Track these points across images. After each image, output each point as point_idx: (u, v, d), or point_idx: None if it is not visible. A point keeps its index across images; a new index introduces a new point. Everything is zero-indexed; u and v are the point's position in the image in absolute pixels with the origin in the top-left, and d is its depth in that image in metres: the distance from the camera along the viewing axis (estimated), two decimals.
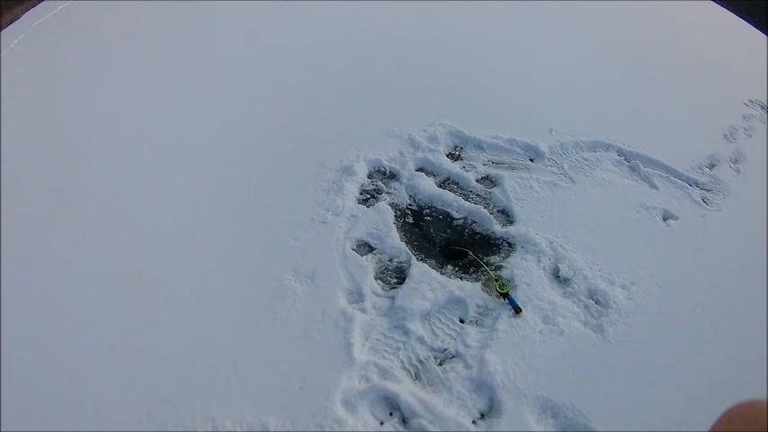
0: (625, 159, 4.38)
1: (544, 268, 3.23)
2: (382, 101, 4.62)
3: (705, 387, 2.75)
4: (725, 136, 5.35)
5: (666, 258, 3.48)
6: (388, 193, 3.69)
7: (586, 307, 3.04)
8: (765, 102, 7.42)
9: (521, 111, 4.70)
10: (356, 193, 3.64)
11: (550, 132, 4.44)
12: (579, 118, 4.75)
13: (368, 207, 3.55)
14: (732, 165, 4.87)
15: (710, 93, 6.64)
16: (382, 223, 3.43)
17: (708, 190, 4.33)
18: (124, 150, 3.82)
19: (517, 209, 3.63)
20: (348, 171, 3.74)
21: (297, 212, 3.44)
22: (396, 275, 3.18)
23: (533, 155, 4.22)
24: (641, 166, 4.30)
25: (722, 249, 3.67)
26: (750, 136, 5.75)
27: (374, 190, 3.71)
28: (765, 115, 6.90)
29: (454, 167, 3.93)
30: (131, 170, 3.66)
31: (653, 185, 4.17)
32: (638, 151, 4.44)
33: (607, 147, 4.45)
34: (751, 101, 7.25)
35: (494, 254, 3.36)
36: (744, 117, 6.29)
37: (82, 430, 2.35)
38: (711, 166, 4.69)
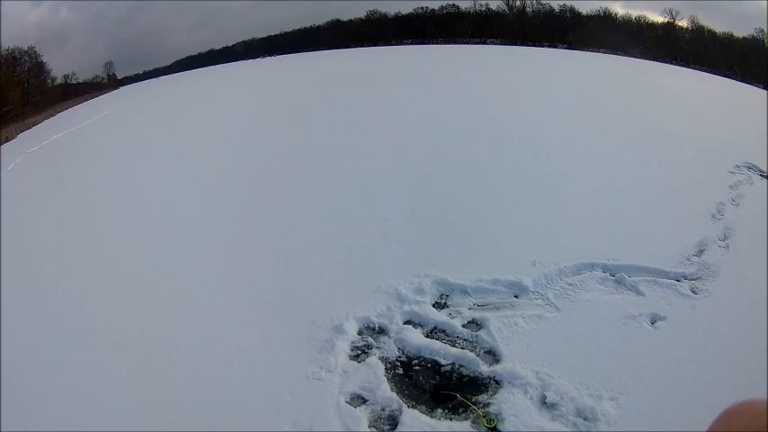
0: (610, 274, 4.52)
1: (531, 398, 3.25)
2: (369, 254, 5.03)
3: None
4: (712, 216, 5.53)
5: (656, 360, 3.49)
6: (378, 347, 3.84)
7: (575, 425, 3.04)
8: (751, 161, 7.52)
9: (504, 247, 5.00)
10: (347, 350, 3.81)
11: (534, 265, 4.64)
12: (562, 242, 5.00)
13: (359, 363, 3.69)
14: (721, 243, 4.95)
15: (695, 175, 6.96)
16: (373, 377, 3.53)
17: (696, 279, 4.40)
18: None
19: (503, 347, 3.71)
20: (339, 330, 3.96)
21: (293, 371, 3.59)
22: (388, 423, 3.22)
23: (518, 291, 4.39)
24: (626, 276, 4.42)
25: (713, 335, 3.67)
26: (738, 205, 5.84)
27: (365, 346, 3.87)
28: (752, 176, 6.96)
29: (440, 316, 4.11)
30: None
31: (639, 293, 4.27)
32: (623, 263, 4.60)
33: (591, 266, 4.61)
34: (737, 166, 7.48)
35: (482, 393, 3.39)
36: (731, 187, 6.45)
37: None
38: (700, 253, 4.78)
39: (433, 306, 4.27)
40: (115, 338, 4.09)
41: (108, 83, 42.33)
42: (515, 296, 4.37)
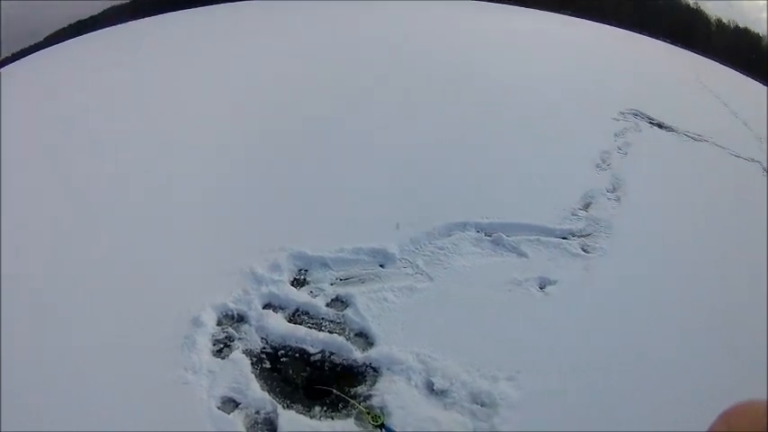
0: (485, 234, 4.25)
1: (416, 385, 3.11)
2: (215, 231, 4.44)
3: None
4: (597, 166, 5.31)
5: (551, 330, 3.40)
6: (240, 338, 3.49)
7: (473, 413, 2.93)
8: (638, 108, 7.35)
9: (362, 209, 4.60)
10: (209, 346, 3.41)
11: (398, 228, 4.31)
12: (427, 200, 4.66)
13: (223, 359, 3.33)
14: (610, 195, 4.75)
15: (574, 122, 6.60)
16: (240, 374, 3.22)
17: (586, 235, 4.19)
18: None
19: (375, 327, 3.53)
20: (197, 322, 3.50)
21: (157, 376, 3.12)
22: (266, 427, 2.99)
23: (383, 260, 4.12)
24: (504, 236, 4.14)
25: (612, 299, 3.61)
26: (626, 153, 5.71)
27: (226, 338, 3.49)
28: (640, 123, 6.84)
29: (301, 295, 3.83)
30: None
31: (521, 254, 4.05)
32: (499, 221, 4.33)
33: (463, 226, 4.32)
34: (622, 113, 7.26)
35: (360, 383, 3.24)
36: (616, 135, 6.27)
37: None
38: (587, 207, 4.54)
39: (292, 284, 3.96)
40: None
41: None
42: (381, 266, 4.12)
